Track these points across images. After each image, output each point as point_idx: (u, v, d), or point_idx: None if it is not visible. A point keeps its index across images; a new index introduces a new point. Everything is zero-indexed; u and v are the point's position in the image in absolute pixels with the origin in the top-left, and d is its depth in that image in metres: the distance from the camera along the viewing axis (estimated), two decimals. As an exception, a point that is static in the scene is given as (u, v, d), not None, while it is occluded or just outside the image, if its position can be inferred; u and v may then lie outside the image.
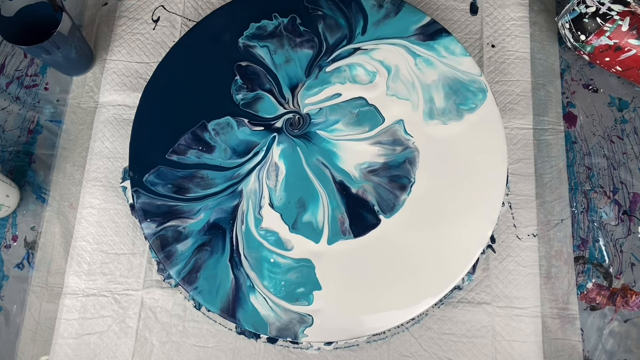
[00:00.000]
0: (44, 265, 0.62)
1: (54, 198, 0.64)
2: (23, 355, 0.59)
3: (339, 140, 0.62)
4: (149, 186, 0.61)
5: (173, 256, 0.58)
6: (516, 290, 0.60)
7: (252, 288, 0.57)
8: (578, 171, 0.64)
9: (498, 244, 0.62)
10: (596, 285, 0.61)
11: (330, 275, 0.58)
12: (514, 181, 0.64)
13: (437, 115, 0.62)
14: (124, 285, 0.61)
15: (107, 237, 0.63)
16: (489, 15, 0.69)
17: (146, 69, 0.69)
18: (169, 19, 0.71)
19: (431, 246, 0.58)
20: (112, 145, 0.66)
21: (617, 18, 0.59)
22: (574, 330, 0.59)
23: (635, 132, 0.65)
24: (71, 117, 0.67)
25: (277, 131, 0.63)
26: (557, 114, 0.66)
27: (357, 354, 0.58)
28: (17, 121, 0.67)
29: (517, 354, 0.58)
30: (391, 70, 0.64)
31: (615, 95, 0.67)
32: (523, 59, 0.68)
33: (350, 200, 0.60)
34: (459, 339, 0.59)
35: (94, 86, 0.68)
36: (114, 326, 0.60)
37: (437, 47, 0.64)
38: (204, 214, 0.60)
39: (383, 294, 0.57)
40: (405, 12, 0.66)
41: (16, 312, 0.61)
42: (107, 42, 0.70)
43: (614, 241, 0.62)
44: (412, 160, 0.61)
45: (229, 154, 0.62)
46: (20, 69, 0.69)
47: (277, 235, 0.59)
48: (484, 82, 0.63)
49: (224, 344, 0.59)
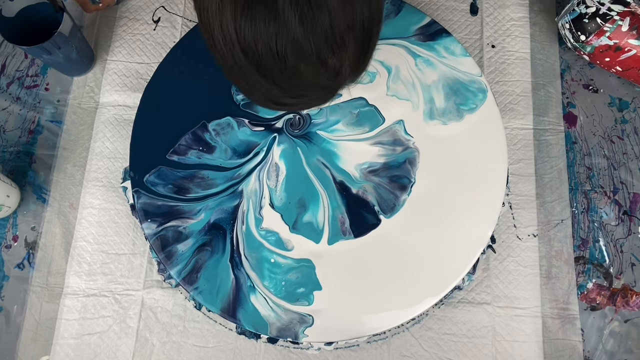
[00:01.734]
0: (44, 265, 0.62)
1: (55, 198, 0.64)
2: (23, 355, 0.59)
3: (339, 140, 0.62)
4: (150, 186, 0.61)
5: (173, 256, 0.58)
6: (516, 290, 0.60)
7: (252, 288, 0.57)
8: (578, 171, 0.64)
9: (498, 244, 0.62)
10: (596, 286, 0.61)
11: (331, 275, 0.58)
12: (514, 181, 0.64)
13: (437, 115, 0.62)
14: (125, 285, 0.61)
15: (107, 238, 0.63)
16: (489, 15, 0.69)
17: (147, 69, 0.69)
18: (170, 20, 0.71)
19: (431, 246, 0.58)
20: (113, 146, 0.66)
21: (617, 18, 0.59)
22: (574, 331, 0.59)
23: (635, 132, 0.66)
24: (72, 118, 0.67)
25: (278, 131, 0.63)
26: (557, 114, 0.66)
27: (358, 354, 0.58)
28: (17, 121, 0.67)
29: (518, 354, 0.58)
30: (391, 70, 0.64)
31: (615, 95, 0.67)
32: (523, 60, 0.68)
33: (351, 201, 0.60)
34: (459, 339, 0.59)
35: (95, 86, 0.68)
36: (114, 326, 0.60)
37: (438, 48, 0.64)
38: (204, 214, 0.60)
39: (383, 294, 0.57)
40: (405, 13, 0.66)
41: (17, 313, 0.61)
42: (108, 43, 0.70)
43: (614, 241, 0.62)
44: (413, 160, 0.61)
45: (229, 154, 0.62)
46: (21, 70, 0.69)
47: (277, 236, 0.59)
48: (484, 83, 0.63)
49: (225, 344, 0.59)
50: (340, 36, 0.37)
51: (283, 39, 0.35)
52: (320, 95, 0.43)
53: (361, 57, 0.41)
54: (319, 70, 0.38)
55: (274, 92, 0.41)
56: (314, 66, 0.38)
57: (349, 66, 0.40)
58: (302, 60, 0.37)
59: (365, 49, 0.41)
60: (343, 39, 0.37)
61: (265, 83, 0.40)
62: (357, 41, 0.39)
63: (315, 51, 0.36)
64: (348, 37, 0.38)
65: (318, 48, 0.36)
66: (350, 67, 0.41)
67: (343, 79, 0.42)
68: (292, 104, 0.44)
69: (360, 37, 0.39)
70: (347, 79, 0.42)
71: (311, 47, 0.36)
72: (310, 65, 0.38)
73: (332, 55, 0.38)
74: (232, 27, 0.36)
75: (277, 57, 0.36)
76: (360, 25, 0.38)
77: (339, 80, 0.41)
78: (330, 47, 0.37)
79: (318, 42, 0.36)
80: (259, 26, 0.35)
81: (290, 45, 0.36)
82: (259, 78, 0.39)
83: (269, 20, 0.35)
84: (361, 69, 0.43)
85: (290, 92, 0.41)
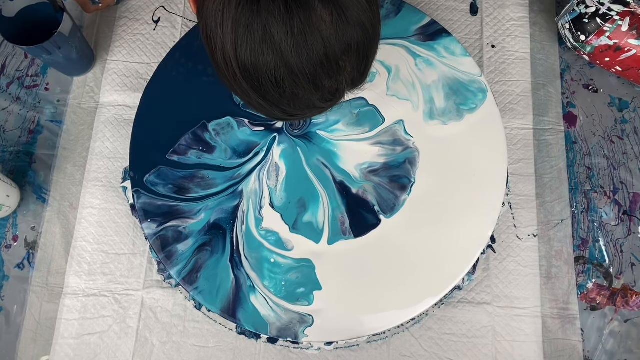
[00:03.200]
0: (44, 265, 0.62)
1: (55, 198, 0.64)
2: (23, 355, 0.59)
3: (339, 140, 0.62)
4: (150, 186, 0.61)
5: (173, 256, 0.58)
6: (516, 290, 0.60)
7: (252, 288, 0.57)
8: (578, 171, 0.64)
9: (498, 244, 0.62)
10: (596, 286, 0.61)
11: (331, 275, 0.58)
12: (514, 181, 0.64)
13: (437, 115, 0.62)
14: (125, 285, 0.61)
15: (107, 238, 0.63)
16: (489, 15, 0.69)
17: (147, 69, 0.69)
18: (170, 20, 0.71)
19: (431, 246, 0.58)
20: (113, 146, 0.66)
21: (617, 18, 0.59)
22: (574, 331, 0.59)
23: (635, 132, 0.66)
24: (72, 118, 0.67)
25: (278, 131, 0.63)
26: (557, 114, 0.66)
27: (358, 354, 0.58)
28: (17, 121, 0.67)
29: (518, 354, 0.58)
30: (391, 70, 0.64)
31: (615, 95, 0.67)
32: (523, 60, 0.68)
33: (351, 201, 0.60)
34: (459, 339, 0.59)
35: (95, 86, 0.68)
36: (114, 326, 0.60)
37: (438, 48, 0.64)
38: (204, 214, 0.60)
39: (383, 294, 0.57)
40: (405, 13, 0.66)
41: (17, 313, 0.61)
42: (108, 43, 0.70)
43: (614, 241, 0.62)
44: (413, 160, 0.61)
45: (229, 154, 0.62)
46: (21, 70, 0.69)
47: (277, 236, 0.59)
48: (484, 83, 0.63)
49: (225, 344, 0.59)
50: (336, 62, 0.38)
51: (281, 70, 0.37)
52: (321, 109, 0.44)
53: (358, 76, 0.42)
54: (317, 93, 0.40)
55: (275, 112, 0.42)
56: (310, 91, 0.39)
57: (347, 85, 0.42)
58: (298, 87, 0.38)
59: (362, 69, 0.42)
60: (339, 64, 0.38)
61: (266, 105, 0.41)
62: (353, 63, 0.40)
63: (311, 78, 0.38)
64: (344, 62, 0.39)
65: (314, 75, 0.37)
66: (349, 85, 0.42)
67: (341, 95, 0.43)
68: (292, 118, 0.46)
69: (356, 59, 0.40)
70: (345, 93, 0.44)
71: (307, 76, 0.37)
72: (307, 90, 0.39)
73: (329, 79, 0.39)
74: (232, 54, 0.37)
75: (276, 84, 0.38)
76: (356, 49, 0.39)
77: (337, 98, 0.43)
78: (326, 73, 0.38)
79: (314, 70, 0.37)
80: (257, 56, 0.36)
81: (287, 75, 0.37)
82: (260, 100, 0.40)
83: (267, 51, 0.36)
84: (360, 83, 0.44)
85: (290, 112, 0.42)
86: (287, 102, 0.40)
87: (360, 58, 0.40)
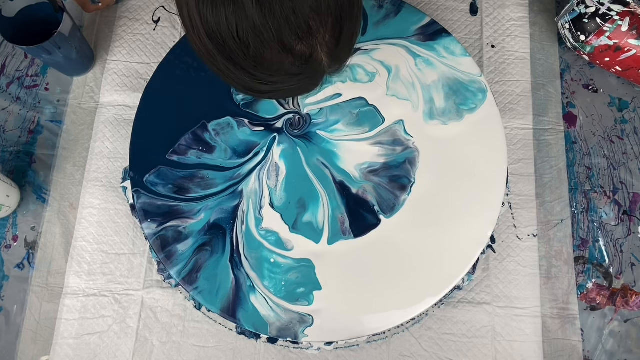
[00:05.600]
0: (44, 265, 0.62)
1: (55, 198, 0.64)
2: (23, 355, 0.59)
3: (339, 140, 0.62)
4: (150, 186, 0.61)
5: (173, 256, 0.58)
6: (516, 290, 0.60)
7: (252, 288, 0.57)
8: (578, 171, 0.64)
9: (498, 244, 0.62)
10: (596, 286, 0.61)
11: (331, 275, 0.58)
12: (514, 181, 0.64)
13: (437, 115, 0.62)
14: (125, 285, 0.61)
15: (107, 237, 0.63)
16: (489, 15, 0.69)
17: (146, 69, 0.69)
18: (170, 20, 0.71)
19: (431, 246, 0.58)
20: (113, 146, 0.66)
21: (616, 18, 0.59)
22: (574, 331, 0.59)
23: (635, 132, 0.66)
24: (72, 118, 0.67)
25: (278, 131, 0.63)
26: (557, 114, 0.66)
27: (357, 354, 0.58)
28: (17, 121, 0.67)
29: (517, 354, 0.58)
30: (391, 70, 0.64)
31: (615, 95, 0.67)
32: (523, 60, 0.68)
33: (351, 201, 0.60)
34: (459, 339, 0.59)
35: (95, 86, 0.68)
36: (114, 326, 0.60)
37: (437, 48, 0.64)
38: (204, 214, 0.60)
39: (383, 294, 0.57)
40: (405, 13, 0.66)
41: (16, 312, 0.61)
42: (108, 43, 0.70)
43: (614, 241, 0.62)
44: (412, 160, 0.61)
45: (229, 154, 0.62)
46: (21, 70, 0.69)
47: (277, 236, 0.59)
48: (484, 83, 0.63)
49: (225, 344, 0.59)
50: (305, 21, 0.36)
51: (243, 23, 0.35)
52: (298, 82, 0.42)
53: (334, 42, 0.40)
54: (286, 56, 0.38)
55: (244, 79, 0.41)
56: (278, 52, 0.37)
57: (323, 52, 0.39)
58: (264, 45, 0.37)
59: (337, 35, 0.40)
60: (309, 24, 0.37)
61: (233, 69, 0.39)
62: (328, 27, 0.38)
63: (277, 36, 0.36)
64: (315, 22, 0.37)
65: (279, 33, 0.36)
66: (327, 54, 0.40)
67: (319, 65, 0.41)
68: (267, 91, 0.43)
69: (331, 22, 0.38)
70: (324, 66, 0.41)
71: (272, 32, 0.36)
72: (275, 51, 0.37)
73: (299, 41, 0.37)
74: (196, 12, 0.36)
75: (240, 42, 0.36)
76: (327, 8, 0.37)
77: (313, 67, 0.40)
78: (294, 33, 0.36)
79: (278, 27, 0.36)
80: (220, 11, 0.35)
81: (250, 30, 0.36)
82: (227, 63, 0.39)
83: (228, 5, 0.35)
84: (341, 56, 0.42)
85: (260, 79, 0.40)
86: (252, 64, 0.38)
87: (335, 21, 0.38)
